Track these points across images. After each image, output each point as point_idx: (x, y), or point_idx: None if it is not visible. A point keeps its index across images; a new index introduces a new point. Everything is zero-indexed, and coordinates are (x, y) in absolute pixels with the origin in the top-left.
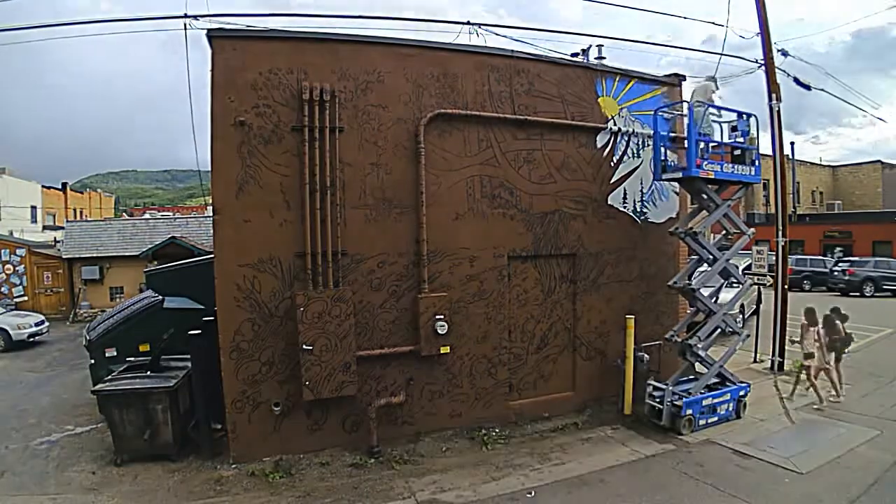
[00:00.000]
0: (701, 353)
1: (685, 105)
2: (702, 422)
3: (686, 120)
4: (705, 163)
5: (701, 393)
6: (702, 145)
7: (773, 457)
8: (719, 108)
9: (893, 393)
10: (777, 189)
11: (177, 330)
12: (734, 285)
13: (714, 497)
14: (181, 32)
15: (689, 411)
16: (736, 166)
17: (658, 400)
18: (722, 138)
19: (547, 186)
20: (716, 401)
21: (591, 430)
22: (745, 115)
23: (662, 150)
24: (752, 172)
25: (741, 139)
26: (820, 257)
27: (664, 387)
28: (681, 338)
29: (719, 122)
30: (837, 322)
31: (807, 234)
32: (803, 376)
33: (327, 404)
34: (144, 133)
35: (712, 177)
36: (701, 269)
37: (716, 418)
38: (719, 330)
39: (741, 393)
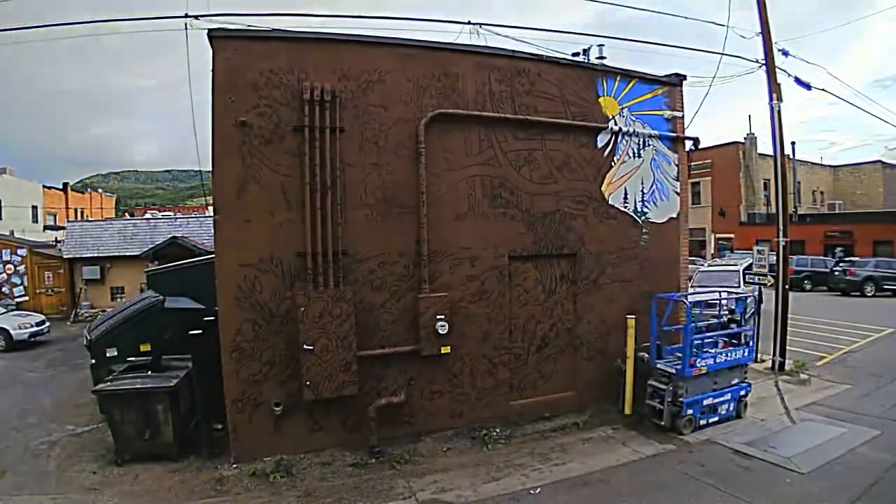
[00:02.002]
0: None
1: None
2: (703, 422)
3: (684, 316)
4: (699, 360)
5: (701, 394)
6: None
7: (774, 457)
8: (717, 301)
9: (894, 393)
10: (778, 189)
11: (177, 330)
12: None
13: (715, 497)
14: (182, 32)
15: (690, 411)
16: (730, 352)
17: (659, 400)
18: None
19: (548, 186)
20: (716, 401)
21: (591, 430)
22: (744, 299)
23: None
24: (746, 353)
25: (737, 317)
26: (821, 257)
27: (665, 387)
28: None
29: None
30: None
31: (808, 234)
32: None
33: (328, 404)
34: (145, 133)
35: (705, 371)
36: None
37: (716, 418)
38: None
39: (742, 393)
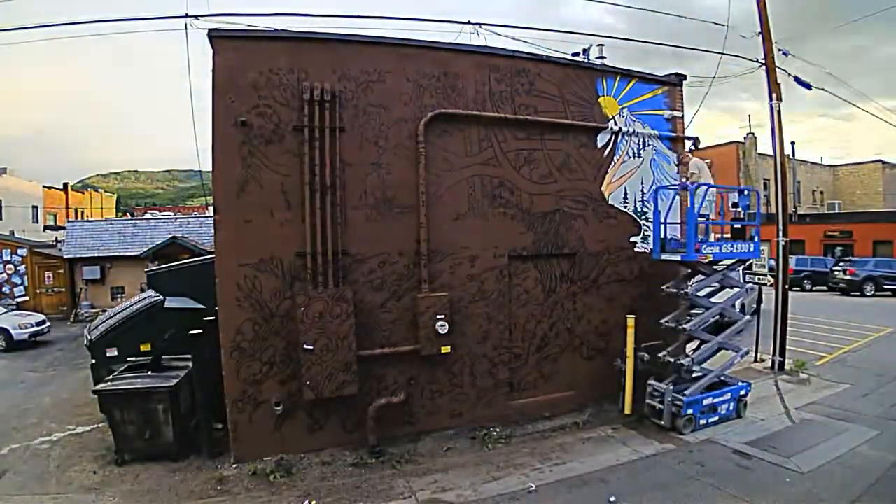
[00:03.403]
0: (696, 373)
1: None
2: (702, 421)
3: (688, 200)
4: (704, 246)
5: (701, 393)
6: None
7: (774, 456)
8: (720, 188)
9: (894, 393)
10: (777, 189)
11: (178, 330)
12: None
13: (715, 497)
14: (182, 32)
15: (690, 411)
16: (735, 244)
17: (658, 399)
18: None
19: (547, 186)
20: (716, 400)
21: (591, 430)
22: (745, 191)
23: (662, 228)
24: (752, 249)
25: (741, 212)
26: (820, 257)
27: (664, 387)
28: (672, 358)
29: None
30: None
31: (807, 234)
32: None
33: (328, 404)
34: (145, 132)
35: (710, 259)
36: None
37: (716, 418)
38: (716, 349)
39: (742, 392)
